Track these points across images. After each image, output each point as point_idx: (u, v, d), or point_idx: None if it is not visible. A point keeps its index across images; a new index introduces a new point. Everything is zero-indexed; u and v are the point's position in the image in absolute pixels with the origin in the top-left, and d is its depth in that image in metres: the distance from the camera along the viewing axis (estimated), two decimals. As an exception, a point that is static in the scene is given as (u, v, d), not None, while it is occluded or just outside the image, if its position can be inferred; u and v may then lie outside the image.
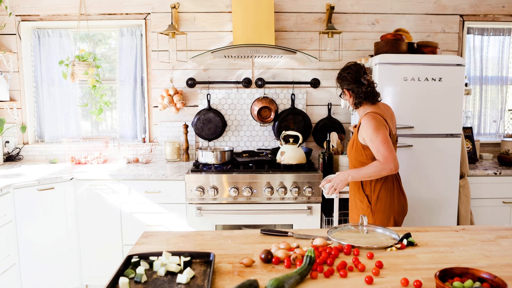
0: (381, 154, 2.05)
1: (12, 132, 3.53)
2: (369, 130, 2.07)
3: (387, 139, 2.06)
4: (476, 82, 3.72)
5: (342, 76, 2.22)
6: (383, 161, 2.05)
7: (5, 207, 2.57)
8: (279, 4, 3.45)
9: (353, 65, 2.22)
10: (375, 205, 2.18)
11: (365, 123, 2.10)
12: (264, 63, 3.52)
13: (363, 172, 2.12)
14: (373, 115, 2.11)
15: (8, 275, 2.57)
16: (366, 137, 2.10)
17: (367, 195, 2.20)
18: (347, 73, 2.20)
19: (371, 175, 2.10)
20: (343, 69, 2.24)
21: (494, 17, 3.57)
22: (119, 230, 2.96)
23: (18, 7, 3.45)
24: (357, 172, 2.14)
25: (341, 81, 2.24)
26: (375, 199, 2.19)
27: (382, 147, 2.05)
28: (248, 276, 1.29)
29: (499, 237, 1.64)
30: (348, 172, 2.18)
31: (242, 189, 2.86)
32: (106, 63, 3.75)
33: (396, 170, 2.08)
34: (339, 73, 2.26)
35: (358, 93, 2.17)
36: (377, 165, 2.07)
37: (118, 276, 1.25)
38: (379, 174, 2.08)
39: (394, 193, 2.20)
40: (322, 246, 1.49)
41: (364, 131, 2.11)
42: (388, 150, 2.04)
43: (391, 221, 2.19)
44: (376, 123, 2.08)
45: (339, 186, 2.19)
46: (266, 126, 3.57)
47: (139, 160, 3.41)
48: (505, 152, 3.38)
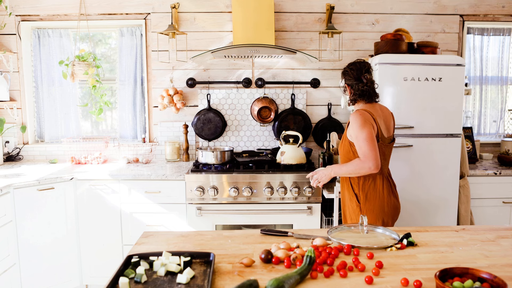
0: (362, 151, 2.05)
1: (12, 132, 3.53)
2: (355, 126, 2.08)
3: (371, 137, 2.04)
4: (476, 82, 3.72)
5: (345, 71, 2.26)
6: (363, 159, 2.04)
7: (5, 207, 2.57)
8: (279, 4, 3.45)
9: (358, 62, 2.24)
10: (364, 204, 2.18)
11: (352, 119, 2.12)
12: (264, 63, 3.52)
13: (344, 169, 2.15)
14: (361, 112, 2.11)
15: (8, 275, 2.57)
16: (352, 133, 2.12)
17: (356, 194, 2.20)
18: (350, 68, 2.23)
19: (350, 172, 2.12)
20: (349, 64, 2.28)
21: (494, 17, 3.57)
22: (119, 230, 2.96)
23: (18, 7, 3.45)
24: (339, 168, 2.18)
25: (343, 75, 2.28)
26: (364, 198, 2.18)
27: (364, 144, 2.03)
28: (248, 276, 1.29)
29: (499, 237, 1.64)
30: (332, 167, 2.22)
31: (242, 189, 2.86)
32: (106, 63, 3.75)
33: (376, 169, 2.03)
34: (345, 67, 2.29)
35: (356, 90, 2.19)
36: (357, 163, 2.07)
37: (118, 276, 1.25)
38: (358, 172, 2.08)
39: (384, 194, 2.17)
40: (322, 246, 1.49)
41: (351, 128, 2.12)
42: (369, 148, 2.02)
43: (379, 222, 2.17)
44: (363, 120, 2.06)
45: (323, 179, 2.25)
46: (266, 126, 3.57)
47: (139, 160, 3.41)
48: (505, 152, 3.38)
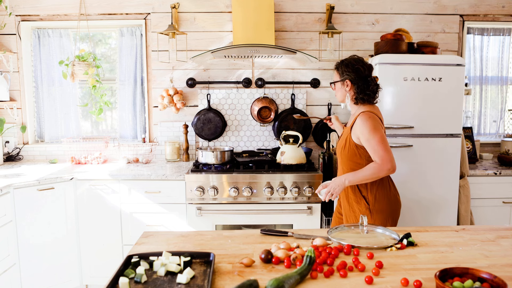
0: (379, 154, 2.01)
1: (12, 132, 3.53)
2: (365, 130, 2.03)
3: (384, 139, 2.03)
4: (476, 82, 3.72)
5: (355, 68, 2.12)
6: (381, 162, 2.00)
7: (5, 207, 2.57)
8: (279, 4, 3.45)
9: (364, 61, 2.15)
10: (373, 205, 2.13)
11: (361, 122, 2.06)
12: (264, 63, 3.52)
13: (360, 175, 2.05)
14: (369, 115, 2.07)
15: (8, 275, 2.57)
16: (362, 136, 2.06)
17: (364, 196, 2.15)
18: (360, 65, 2.12)
19: (368, 177, 2.04)
20: (356, 61, 2.15)
21: (494, 17, 3.57)
22: (119, 230, 2.96)
23: (18, 7, 3.45)
24: (354, 176, 2.07)
25: (349, 71, 2.14)
26: (373, 199, 2.13)
27: (379, 147, 2.01)
28: (248, 276, 1.29)
29: (499, 237, 1.64)
30: (345, 177, 2.09)
31: (242, 189, 2.86)
32: (106, 63, 3.75)
33: (394, 170, 2.02)
34: (349, 62, 2.15)
35: (363, 90, 2.12)
36: (374, 167, 2.02)
37: (118, 276, 1.25)
38: (377, 175, 2.03)
39: (391, 192, 2.17)
40: (322, 246, 1.49)
41: (359, 131, 2.06)
42: (385, 150, 2.01)
43: (389, 220, 2.15)
44: (374, 122, 2.04)
45: (336, 191, 2.10)
46: (266, 126, 3.57)
47: (139, 160, 3.41)
48: (505, 152, 3.38)
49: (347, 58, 2.19)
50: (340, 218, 2.37)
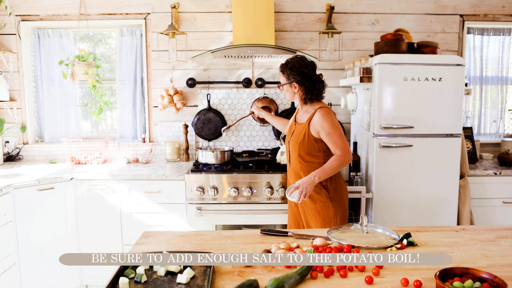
0: (340, 147, 2.19)
1: (12, 132, 3.53)
2: (326, 125, 2.19)
3: (342, 132, 2.24)
4: (476, 82, 3.72)
5: (299, 71, 2.26)
6: (342, 154, 2.19)
7: (5, 207, 2.57)
8: (279, 4, 3.46)
9: (308, 60, 2.30)
10: (333, 193, 2.28)
11: (321, 118, 2.20)
12: (264, 63, 3.52)
13: (327, 169, 2.19)
14: (327, 111, 2.24)
15: (8, 275, 2.57)
16: (322, 131, 2.20)
17: (324, 186, 2.27)
18: (305, 68, 2.26)
19: (335, 169, 2.20)
20: (299, 63, 2.27)
21: (494, 17, 3.57)
22: (119, 230, 2.96)
23: (18, 7, 3.45)
24: (322, 171, 2.19)
25: (295, 75, 2.27)
26: (333, 188, 2.28)
27: (340, 140, 2.20)
28: (248, 276, 1.29)
29: (499, 237, 1.64)
30: (314, 174, 2.18)
31: (242, 189, 2.86)
32: (106, 63, 3.75)
33: (351, 160, 2.29)
34: (293, 65, 2.27)
35: (311, 90, 2.26)
36: (339, 159, 2.19)
37: (118, 276, 1.26)
38: (342, 166, 2.20)
39: (342, 180, 2.36)
40: (322, 246, 1.50)
41: (319, 125, 2.20)
42: (345, 143, 2.21)
43: (345, 205, 2.33)
44: (333, 118, 2.23)
45: (308, 190, 2.16)
46: (266, 126, 3.57)
47: (139, 160, 3.41)
48: (505, 152, 3.38)
49: (291, 60, 2.32)
50: (297, 214, 2.43)
